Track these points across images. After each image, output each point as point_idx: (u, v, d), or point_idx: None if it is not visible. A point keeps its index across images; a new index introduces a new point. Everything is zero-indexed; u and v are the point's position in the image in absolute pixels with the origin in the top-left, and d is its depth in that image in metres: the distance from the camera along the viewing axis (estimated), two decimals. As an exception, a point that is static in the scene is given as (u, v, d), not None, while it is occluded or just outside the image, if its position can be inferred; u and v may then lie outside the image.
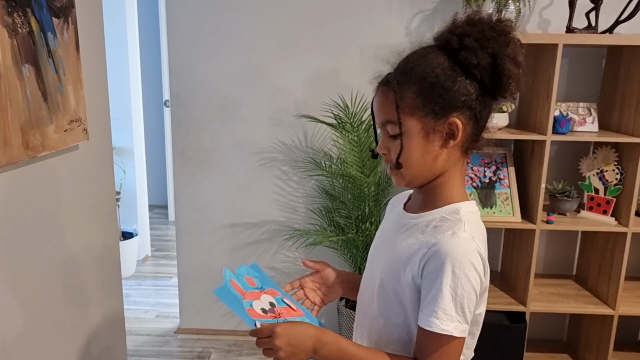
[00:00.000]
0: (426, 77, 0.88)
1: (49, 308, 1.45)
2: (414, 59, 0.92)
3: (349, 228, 2.53)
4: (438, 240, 0.88)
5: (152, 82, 4.78)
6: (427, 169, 0.93)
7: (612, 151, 2.33)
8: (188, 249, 2.82)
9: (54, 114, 1.37)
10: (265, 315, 1.00)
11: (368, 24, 2.53)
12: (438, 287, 0.86)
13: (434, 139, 0.90)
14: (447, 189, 0.95)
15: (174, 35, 2.59)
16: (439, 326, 0.86)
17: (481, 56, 0.86)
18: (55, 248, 1.47)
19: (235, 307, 0.98)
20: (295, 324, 0.93)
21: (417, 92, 0.89)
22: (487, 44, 0.86)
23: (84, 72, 1.54)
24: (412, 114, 0.90)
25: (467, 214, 0.92)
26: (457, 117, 0.89)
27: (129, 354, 2.62)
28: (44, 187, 1.40)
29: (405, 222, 0.99)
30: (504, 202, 2.33)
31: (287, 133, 2.66)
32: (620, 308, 2.29)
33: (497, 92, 0.90)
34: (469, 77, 0.88)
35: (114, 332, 1.90)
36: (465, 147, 0.94)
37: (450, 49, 0.88)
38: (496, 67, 0.86)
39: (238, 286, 1.04)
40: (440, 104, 0.88)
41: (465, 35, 0.87)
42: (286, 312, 1.05)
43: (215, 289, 0.99)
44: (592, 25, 2.22)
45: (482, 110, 0.91)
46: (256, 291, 1.06)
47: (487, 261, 0.90)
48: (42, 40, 1.31)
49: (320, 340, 0.90)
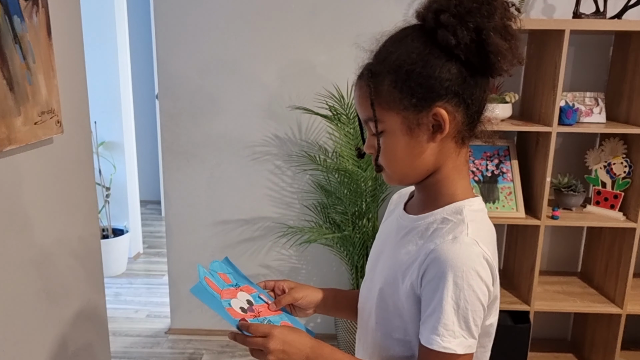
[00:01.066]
0: (401, 65, 0.77)
1: (20, 306, 1.35)
2: (389, 45, 0.81)
3: (345, 225, 2.43)
4: (437, 245, 0.78)
5: (144, 74, 4.66)
6: (417, 167, 0.83)
7: (620, 143, 2.23)
8: (179, 246, 2.72)
9: (22, 105, 1.26)
10: (244, 314, 0.95)
11: (364, 11, 2.42)
12: (439, 300, 0.76)
13: (419, 133, 0.80)
14: (447, 186, 0.84)
15: (162, 25, 2.48)
16: (440, 344, 0.76)
17: (461, 34, 0.74)
18: (25, 245, 1.37)
19: (214, 306, 0.93)
20: (293, 330, 0.87)
21: (392, 83, 0.78)
22: (468, 17, 0.74)
23: (58, 59, 1.43)
24: (390, 108, 0.79)
25: (471, 214, 0.82)
26: (441, 106, 0.78)
27: (117, 356, 2.54)
28: (11, 183, 1.29)
29: (405, 224, 0.88)
30: (507, 196, 2.23)
31: (280, 126, 2.55)
32: (628, 307, 2.20)
33: (486, 71, 0.78)
34: (451, 59, 0.76)
35: (95, 331, 1.81)
36: (460, 137, 0.82)
37: (428, 29, 0.77)
38: (481, 43, 0.74)
39: (213, 284, 0.98)
40: (419, 95, 0.77)
41: (441, 10, 0.75)
42: (265, 311, 1.00)
43: (191, 287, 0.93)
44: (600, 11, 2.11)
45: (473, 94, 0.79)
46: (232, 289, 1.01)
47: (495, 266, 0.80)
48: (6, 24, 1.20)
49: (315, 351, 0.84)
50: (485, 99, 0.82)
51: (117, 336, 2.72)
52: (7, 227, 1.28)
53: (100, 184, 3.36)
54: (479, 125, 0.84)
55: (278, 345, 0.83)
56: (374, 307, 0.89)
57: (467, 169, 0.87)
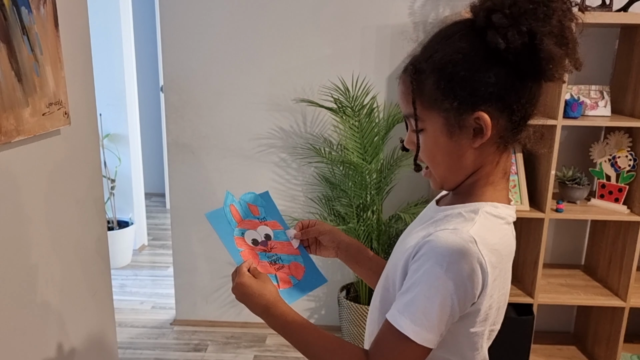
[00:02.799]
0: (446, 65, 0.74)
1: (26, 296, 1.37)
2: (436, 41, 0.78)
3: (349, 217, 2.44)
4: (436, 231, 0.76)
5: (149, 67, 4.67)
6: (456, 170, 0.81)
7: (625, 136, 2.22)
8: (184, 238, 2.74)
9: (30, 97, 1.27)
10: (254, 247, 0.96)
11: (370, 3, 2.41)
12: (414, 281, 0.75)
13: (459, 136, 0.77)
14: (478, 187, 0.82)
15: (168, 18, 2.48)
16: (399, 323, 0.75)
17: (512, 37, 0.70)
18: (32, 236, 1.38)
19: (223, 235, 0.95)
20: (259, 283, 0.91)
21: (435, 83, 0.76)
22: (522, 19, 0.69)
23: (65, 51, 1.44)
24: (432, 108, 0.77)
25: (487, 216, 0.78)
26: (485, 110, 0.74)
27: (123, 347, 2.56)
28: (19, 174, 1.30)
29: (430, 214, 0.88)
30: (511, 189, 2.24)
31: (285, 118, 2.56)
32: (631, 300, 2.21)
33: (537, 77, 0.74)
34: (500, 63, 0.72)
35: (102, 322, 1.82)
36: (502, 142, 0.78)
37: (478, 27, 0.73)
38: (533, 47, 0.70)
39: (237, 212, 0.99)
40: (462, 97, 0.74)
41: (494, 9, 0.71)
42: (280, 248, 1.00)
43: (208, 212, 0.95)
44: (606, 3, 2.10)
45: (521, 99, 0.75)
46: (256, 221, 1.01)
47: (492, 277, 0.75)
48: (14, 16, 1.21)
49: (268, 310, 0.89)
50: (535, 104, 0.78)
51: (122, 327, 2.74)
52: (15, 217, 1.30)
53: (106, 176, 3.38)
54: (525, 131, 0.80)
55: (238, 293, 0.91)
56: (381, 288, 0.90)
57: (505, 176, 0.83)
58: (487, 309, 0.79)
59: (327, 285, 2.23)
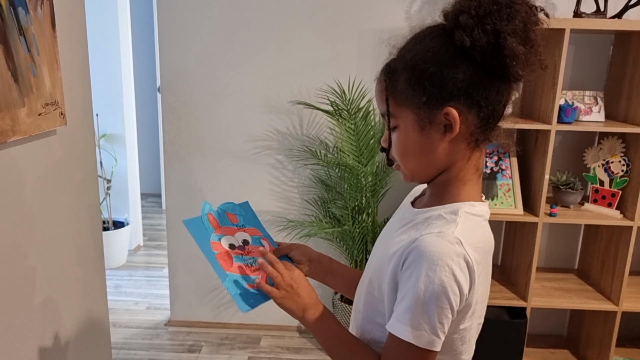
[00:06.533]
0: (416, 63, 0.79)
1: (20, 296, 1.37)
2: (411, 43, 0.82)
3: (345, 219, 2.45)
4: (421, 236, 0.79)
5: (146, 68, 4.67)
6: (426, 164, 0.84)
7: (618, 142, 2.24)
8: (179, 239, 2.74)
9: (26, 97, 1.28)
10: (231, 250, 0.96)
11: (367, 7, 2.42)
12: (409, 289, 0.77)
13: (430, 131, 0.80)
14: (454, 186, 0.84)
15: (165, 19, 2.49)
16: (399, 331, 0.77)
17: (477, 35, 0.74)
18: (27, 236, 1.38)
19: (200, 240, 0.95)
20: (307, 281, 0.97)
21: (407, 80, 0.80)
22: (487, 19, 0.73)
23: (62, 52, 1.44)
24: (404, 105, 0.81)
25: (467, 216, 0.81)
26: (453, 106, 0.78)
27: (117, 347, 2.56)
28: (14, 174, 1.31)
29: (407, 216, 0.90)
30: (505, 193, 2.25)
31: (281, 120, 2.57)
32: (624, 304, 2.22)
33: (503, 75, 0.77)
34: (467, 61, 0.76)
35: (96, 322, 1.82)
36: (472, 140, 0.81)
37: (448, 28, 0.78)
38: (497, 46, 0.74)
39: (215, 220, 0.99)
40: (432, 93, 0.78)
41: (461, 11, 0.75)
42: (255, 252, 1.00)
43: (185, 219, 0.95)
44: (600, 10, 2.12)
45: (488, 97, 0.78)
46: (234, 227, 1.02)
47: (478, 273, 0.78)
48: (11, 16, 1.21)
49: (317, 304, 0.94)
50: (504, 104, 0.81)
51: (117, 327, 2.74)
52: (10, 217, 1.30)
53: (102, 177, 3.38)
54: (495, 129, 0.83)
55: (295, 282, 0.94)
56: (364, 292, 0.92)
57: (477, 172, 0.86)
58: (474, 304, 0.82)
59: (322, 288, 2.23)
